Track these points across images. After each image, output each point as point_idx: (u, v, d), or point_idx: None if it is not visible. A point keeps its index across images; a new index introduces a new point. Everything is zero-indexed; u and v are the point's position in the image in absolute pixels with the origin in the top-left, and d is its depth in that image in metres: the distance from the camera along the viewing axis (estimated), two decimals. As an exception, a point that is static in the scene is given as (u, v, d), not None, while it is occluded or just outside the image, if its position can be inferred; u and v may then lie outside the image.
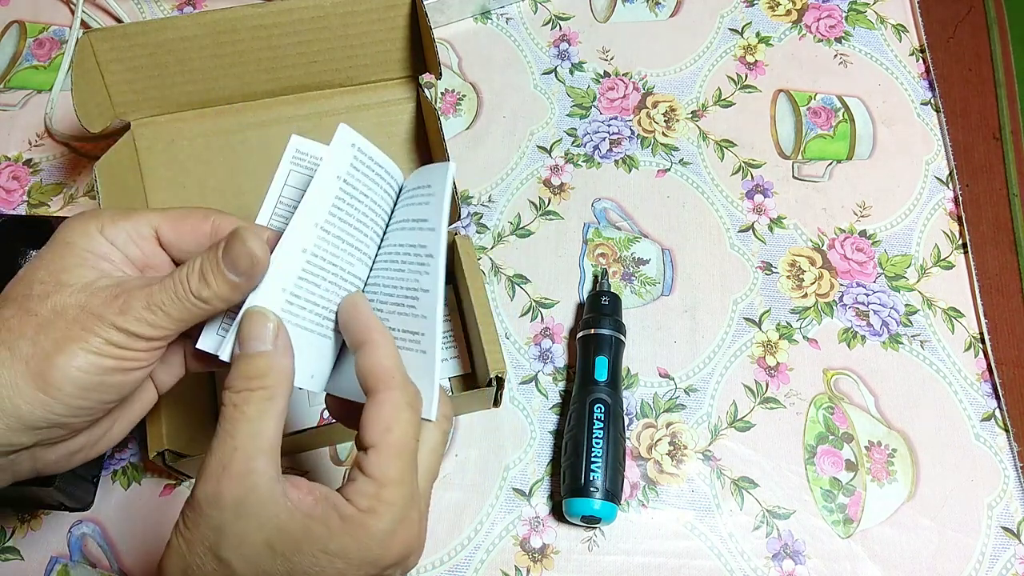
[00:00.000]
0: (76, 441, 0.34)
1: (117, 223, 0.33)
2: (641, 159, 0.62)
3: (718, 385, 0.55)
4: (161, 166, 0.55)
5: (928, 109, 0.64)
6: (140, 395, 0.37)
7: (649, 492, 0.52)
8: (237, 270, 0.32)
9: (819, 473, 0.52)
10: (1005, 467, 0.52)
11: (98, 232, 0.33)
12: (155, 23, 0.51)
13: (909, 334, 0.56)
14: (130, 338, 0.31)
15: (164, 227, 0.34)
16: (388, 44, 0.55)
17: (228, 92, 0.55)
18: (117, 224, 0.33)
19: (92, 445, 0.35)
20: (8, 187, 0.61)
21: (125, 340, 0.31)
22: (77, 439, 0.34)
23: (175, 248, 0.35)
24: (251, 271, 0.32)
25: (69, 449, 0.34)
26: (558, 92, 0.65)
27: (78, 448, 0.34)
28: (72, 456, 0.35)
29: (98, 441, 0.35)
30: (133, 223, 0.34)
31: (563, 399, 0.54)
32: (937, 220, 0.60)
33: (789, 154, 0.62)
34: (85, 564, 0.49)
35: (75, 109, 0.48)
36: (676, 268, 0.58)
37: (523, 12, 0.68)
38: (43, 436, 0.32)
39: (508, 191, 0.61)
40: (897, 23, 0.67)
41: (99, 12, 0.67)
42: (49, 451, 0.33)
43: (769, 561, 0.50)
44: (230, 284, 0.32)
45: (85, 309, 0.31)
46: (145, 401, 0.37)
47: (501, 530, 0.51)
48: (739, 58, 0.66)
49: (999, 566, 0.50)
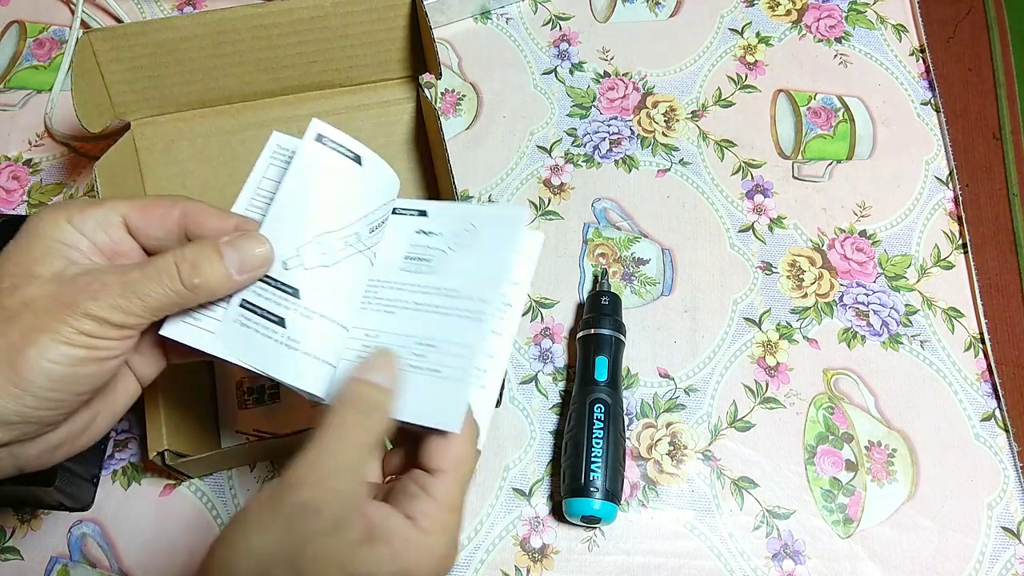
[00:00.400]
0: (56, 435, 0.33)
1: (85, 212, 0.33)
2: (641, 159, 0.62)
3: (718, 385, 0.55)
4: (161, 166, 0.55)
5: (928, 109, 0.64)
6: (121, 388, 0.36)
7: (649, 492, 0.52)
8: (243, 267, 0.33)
9: (819, 473, 0.52)
10: (1005, 467, 0.52)
11: (66, 222, 0.33)
12: (155, 23, 0.51)
13: (909, 334, 0.56)
14: (102, 326, 0.31)
15: (132, 214, 0.34)
16: (388, 44, 0.55)
17: (228, 92, 0.55)
18: (85, 213, 0.33)
19: (74, 439, 0.35)
20: (8, 187, 0.61)
21: (97, 328, 0.31)
22: (57, 433, 0.33)
23: (144, 235, 0.34)
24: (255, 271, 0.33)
25: (50, 443, 0.33)
26: (558, 92, 0.65)
27: (59, 442, 0.34)
28: (55, 451, 0.34)
29: (80, 435, 0.35)
30: (102, 211, 0.34)
31: (563, 399, 0.54)
32: (937, 220, 0.60)
33: (789, 154, 0.62)
34: (85, 564, 0.49)
35: (75, 109, 0.48)
36: (676, 268, 0.58)
37: (523, 12, 0.68)
38: (18, 432, 0.31)
39: (508, 191, 0.61)
40: (897, 23, 0.67)
41: (99, 12, 0.67)
42: (29, 447, 0.33)
43: (769, 561, 0.50)
44: (227, 278, 0.33)
45: (55, 299, 0.31)
46: (127, 394, 0.37)
47: (501, 530, 0.51)
48: (739, 58, 0.66)
49: (999, 566, 0.50)
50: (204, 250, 0.33)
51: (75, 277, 0.31)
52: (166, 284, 0.32)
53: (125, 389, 0.37)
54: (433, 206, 0.39)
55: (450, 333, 0.35)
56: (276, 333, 0.35)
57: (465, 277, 0.36)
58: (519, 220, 0.37)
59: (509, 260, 0.36)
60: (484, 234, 0.37)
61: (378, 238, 0.38)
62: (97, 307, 0.31)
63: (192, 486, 0.52)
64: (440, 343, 0.35)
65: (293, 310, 0.35)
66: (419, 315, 0.36)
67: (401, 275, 0.38)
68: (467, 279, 0.36)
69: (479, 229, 0.37)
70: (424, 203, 0.39)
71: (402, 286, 0.37)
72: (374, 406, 0.32)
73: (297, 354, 0.35)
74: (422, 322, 0.36)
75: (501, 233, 0.37)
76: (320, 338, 0.36)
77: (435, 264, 0.37)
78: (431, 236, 0.38)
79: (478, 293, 0.36)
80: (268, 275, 0.35)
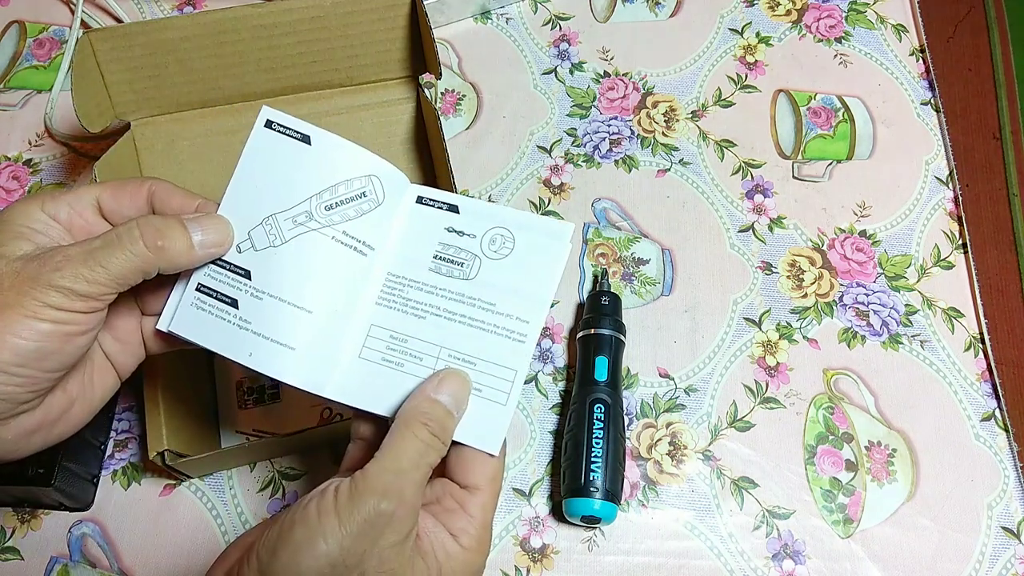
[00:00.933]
0: (31, 419, 0.33)
1: (58, 199, 0.34)
2: (641, 159, 0.62)
3: (718, 385, 0.55)
4: (161, 166, 0.55)
5: (928, 109, 0.64)
6: (99, 378, 0.36)
7: (649, 492, 0.52)
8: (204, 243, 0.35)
9: (819, 473, 0.52)
10: (1005, 467, 0.52)
11: (39, 209, 0.33)
12: (155, 23, 0.51)
13: (909, 334, 0.56)
14: (68, 297, 0.31)
15: (105, 196, 0.35)
16: (388, 44, 0.55)
17: (228, 92, 0.55)
18: (58, 199, 0.34)
19: (50, 426, 0.35)
20: (8, 187, 0.61)
21: (63, 301, 0.31)
22: (32, 416, 0.33)
23: (117, 216, 0.35)
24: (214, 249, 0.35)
25: (24, 427, 0.33)
26: (558, 92, 0.65)
27: (34, 427, 0.34)
28: (30, 437, 0.34)
29: (56, 422, 0.35)
30: (75, 195, 0.34)
31: (563, 399, 0.54)
32: (937, 220, 0.60)
33: (789, 154, 0.62)
34: (85, 564, 0.49)
35: (75, 109, 0.48)
36: (676, 268, 0.58)
37: (523, 12, 0.68)
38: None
39: (508, 191, 0.61)
40: (897, 23, 0.67)
41: (99, 12, 0.67)
42: (2, 430, 0.33)
43: (769, 561, 0.50)
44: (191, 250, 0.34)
45: (20, 275, 0.31)
46: (105, 386, 0.37)
47: (501, 530, 0.51)
48: (739, 58, 0.66)
49: (999, 566, 0.50)
50: (168, 220, 0.34)
51: (40, 255, 0.32)
52: (127, 248, 0.32)
53: (103, 380, 0.37)
54: (466, 203, 0.38)
55: (492, 353, 0.35)
56: (229, 314, 0.36)
57: (504, 291, 0.36)
58: (565, 237, 0.36)
59: (554, 280, 0.36)
60: (523, 245, 0.37)
61: (345, 216, 0.37)
62: (61, 277, 0.31)
63: (192, 486, 0.52)
64: (480, 361, 0.35)
65: (244, 291, 0.36)
66: (455, 326, 0.36)
67: (430, 276, 0.37)
68: (507, 294, 0.36)
69: (517, 238, 0.37)
70: (455, 197, 0.38)
71: (432, 289, 0.37)
72: (443, 429, 0.33)
73: (247, 334, 0.36)
74: (459, 335, 0.36)
75: (544, 247, 0.36)
76: (271, 318, 0.36)
77: (468, 270, 0.37)
78: (463, 237, 0.37)
79: (520, 313, 0.36)
80: (223, 259, 0.36)
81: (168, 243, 0.33)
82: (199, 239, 0.35)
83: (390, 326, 0.37)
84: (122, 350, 0.37)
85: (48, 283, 0.31)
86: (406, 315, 0.37)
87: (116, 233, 0.33)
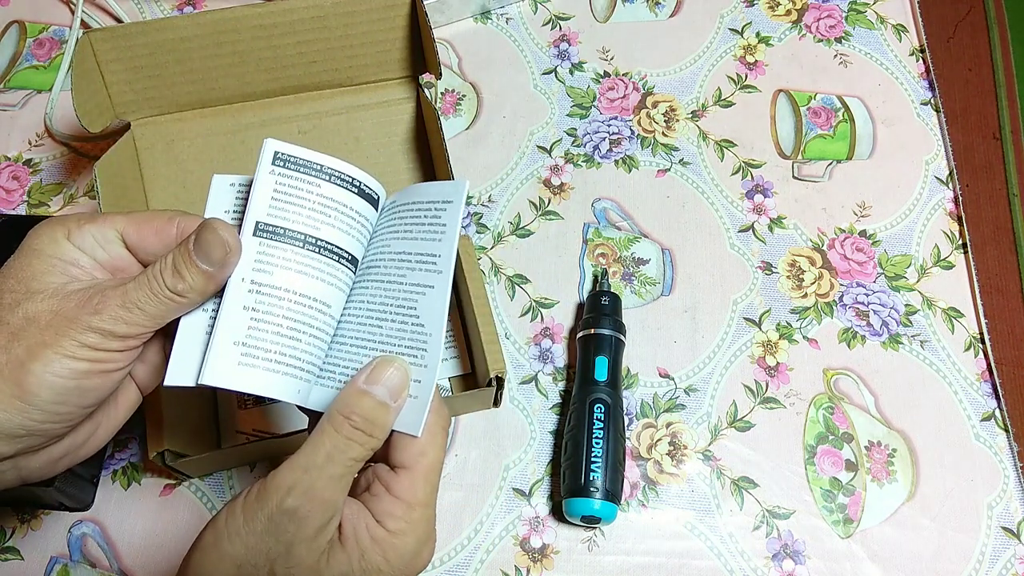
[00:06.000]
0: (59, 447, 0.34)
1: (83, 228, 0.33)
2: (641, 159, 0.62)
3: (718, 385, 0.55)
4: (161, 166, 0.55)
5: (928, 109, 0.64)
6: (122, 397, 0.37)
7: (649, 492, 0.52)
8: (211, 259, 0.32)
9: (819, 473, 0.52)
10: (1005, 467, 0.53)
11: (64, 238, 0.33)
12: (155, 23, 0.51)
13: (909, 334, 0.56)
14: (105, 338, 0.31)
15: (129, 230, 0.34)
16: (388, 44, 0.55)
17: (228, 92, 0.55)
18: (83, 229, 0.33)
19: (76, 450, 0.35)
20: (8, 187, 0.61)
21: (100, 341, 0.31)
22: (60, 445, 0.34)
23: (141, 251, 0.34)
24: (224, 259, 0.32)
25: (52, 456, 0.34)
26: (558, 92, 0.65)
27: (61, 454, 0.34)
28: (56, 463, 0.34)
29: (82, 445, 0.35)
30: (98, 227, 0.34)
31: (563, 399, 0.54)
32: (937, 220, 0.60)
33: (789, 154, 0.62)
34: (85, 564, 0.49)
35: (75, 109, 0.48)
36: (676, 268, 0.58)
37: (523, 12, 0.68)
38: (23, 444, 0.32)
39: (508, 191, 0.61)
40: (897, 23, 0.67)
41: (99, 12, 0.67)
42: (32, 459, 0.33)
43: (769, 561, 0.50)
44: (204, 274, 0.32)
45: (58, 314, 0.31)
46: (128, 403, 0.37)
47: (501, 530, 0.51)
48: (739, 58, 0.66)
49: (999, 566, 0.50)
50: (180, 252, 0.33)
51: (77, 292, 0.32)
52: (157, 292, 0.32)
53: (127, 398, 0.37)
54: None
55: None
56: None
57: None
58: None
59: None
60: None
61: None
62: (100, 320, 0.31)
63: (192, 486, 0.52)
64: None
65: None
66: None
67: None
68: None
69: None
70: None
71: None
72: (373, 423, 0.32)
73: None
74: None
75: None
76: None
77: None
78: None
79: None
80: None
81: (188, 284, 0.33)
82: None
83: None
84: (146, 370, 0.37)
85: (87, 325, 0.31)
86: None
87: (146, 276, 0.32)
